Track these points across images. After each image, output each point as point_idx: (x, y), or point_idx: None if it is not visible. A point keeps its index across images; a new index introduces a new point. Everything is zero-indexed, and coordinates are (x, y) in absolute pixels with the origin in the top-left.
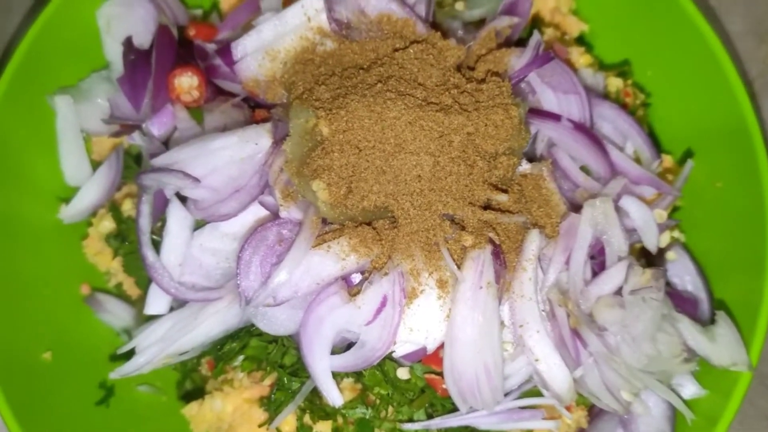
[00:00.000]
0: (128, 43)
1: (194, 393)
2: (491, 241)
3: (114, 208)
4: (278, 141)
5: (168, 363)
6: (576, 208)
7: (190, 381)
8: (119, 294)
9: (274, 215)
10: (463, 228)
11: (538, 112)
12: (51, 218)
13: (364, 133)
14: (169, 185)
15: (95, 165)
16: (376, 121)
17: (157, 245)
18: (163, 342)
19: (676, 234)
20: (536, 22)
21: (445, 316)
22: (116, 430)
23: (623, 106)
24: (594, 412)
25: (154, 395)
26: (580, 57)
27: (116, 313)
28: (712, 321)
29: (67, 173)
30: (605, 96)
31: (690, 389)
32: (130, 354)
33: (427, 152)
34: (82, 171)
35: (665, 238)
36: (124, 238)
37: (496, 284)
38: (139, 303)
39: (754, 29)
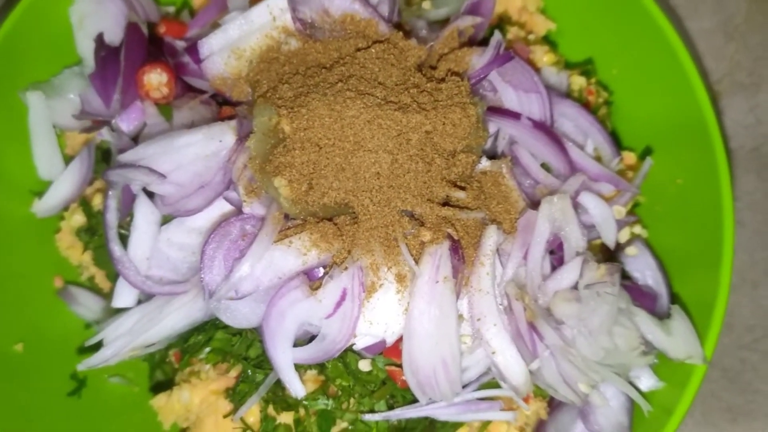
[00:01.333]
0: (99, 39)
1: (165, 384)
2: (450, 236)
3: (85, 203)
4: (242, 138)
5: (135, 355)
6: (537, 204)
7: (162, 372)
8: (91, 287)
9: (238, 211)
10: (422, 224)
11: (498, 111)
12: (24, 212)
13: (324, 131)
14: (136, 181)
15: (68, 159)
16: (336, 120)
17: (126, 240)
18: (130, 334)
19: (638, 230)
20: (502, 22)
21: (403, 310)
22: (88, 421)
23: (586, 104)
24: (554, 404)
25: (126, 387)
26: (544, 56)
27: (88, 306)
28: (669, 314)
29: (39, 168)
30: (568, 94)
31: (647, 381)
32: (98, 346)
33: (385, 150)
34: (55, 165)
35: (625, 234)
36: (94, 231)
37: (454, 279)
38: (110, 296)
39: (722, 27)
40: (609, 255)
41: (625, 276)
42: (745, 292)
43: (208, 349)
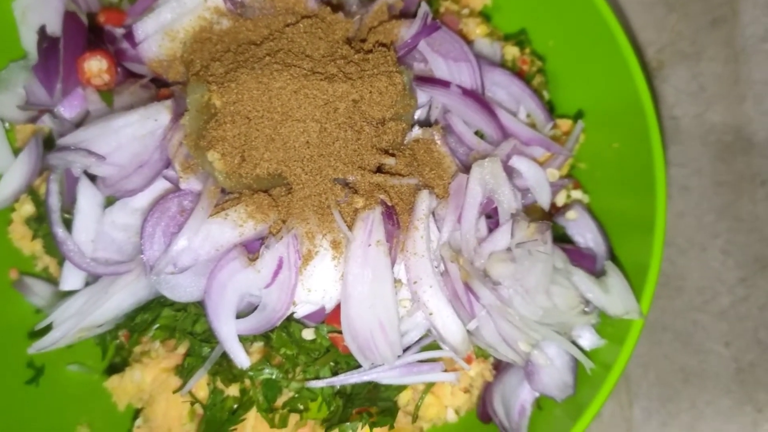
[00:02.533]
0: (42, 31)
1: (120, 367)
2: (383, 202)
3: (33, 192)
4: (177, 117)
5: (84, 336)
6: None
7: (120, 357)
8: (46, 277)
9: (177, 188)
10: (355, 191)
11: (428, 80)
12: None
13: (253, 104)
14: (75, 163)
15: (19, 152)
16: (264, 92)
17: (71, 224)
18: (78, 316)
19: (579, 194)
20: None
21: (340, 276)
22: (47, 408)
23: (519, 73)
24: (500, 367)
25: (85, 374)
26: (476, 27)
27: (43, 295)
28: (605, 273)
29: None
30: (502, 64)
31: (589, 339)
32: (48, 329)
33: (313, 119)
34: (4, 159)
35: (561, 197)
36: (42, 220)
37: (388, 243)
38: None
39: None
40: (547, 214)
41: (566, 240)
42: (693, 256)
43: (155, 327)
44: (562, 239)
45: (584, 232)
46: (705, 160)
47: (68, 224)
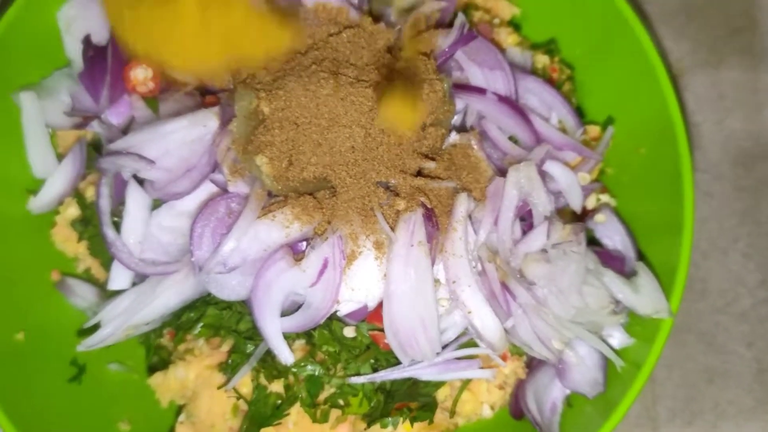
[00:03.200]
0: (87, 40)
1: (162, 365)
2: (423, 204)
3: (79, 196)
4: (225, 123)
5: (131, 334)
6: (506, 175)
7: (158, 356)
8: (88, 278)
9: (224, 191)
10: (396, 194)
11: (465, 87)
12: (21, 210)
13: (300, 110)
14: (126, 167)
15: (61, 158)
16: (311, 99)
17: (119, 226)
18: (126, 314)
19: (606, 198)
20: (468, 8)
21: (382, 275)
22: (88, 405)
23: (549, 81)
24: (532, 365)
25: (125, 373)
26: (508, 37)
27: (85, 296)
28: (635, 274)
29: (34, 167)
30: (532, 72)
31: (619, 338)
32: (96, 329)
33: (358, 125)
34: (49, 163)
35: (592, 201)
36: (88, 222)
37: (428, 243)
38: (105, 285)
39: (684, 8)
40: (577, 217)
41: (595, 242)
42: (716, 259)
43: (200, 325)
44: (590, 242)
45: (612, 235)
46: (725, 165)
47: (116, 227)
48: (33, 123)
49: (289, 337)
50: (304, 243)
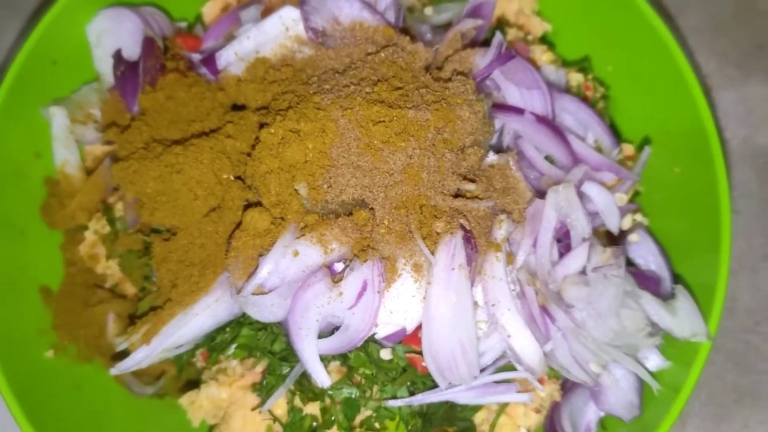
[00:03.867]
0: (118, 55)
1: (193, 384)
2: (462, 226)
3: (107, 211)
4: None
5: (164, 357)
6: (542, 194)
7: (186, 374)
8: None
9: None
10: (435, 216)
11: (502, 107)
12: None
13: (340, 132)
14: None
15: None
16: (350, 121)
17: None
18: (160, 337)
19: (639, 217)
20: (501, 24)
21: (421, 298)
22: (120, 424)
23: (584, 99)
24: (567, 387)
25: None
26: (542, 55)
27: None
28: (674, 295)
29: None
30: (567, 90)
31: (655, 361)
32: (129, 351)
33: (397, 147)
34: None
35: (627, 221)
36: (116, 237)
37: (468, 266)
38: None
39: (711, 24)
40: (613, 242)
41: (629, 263)
42: (744, 277)
43: (234, 346)
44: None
45: (646, 255)
46: (754, 183)
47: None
48: (62, 137)
49: (325, 359)
50: (341, 263)
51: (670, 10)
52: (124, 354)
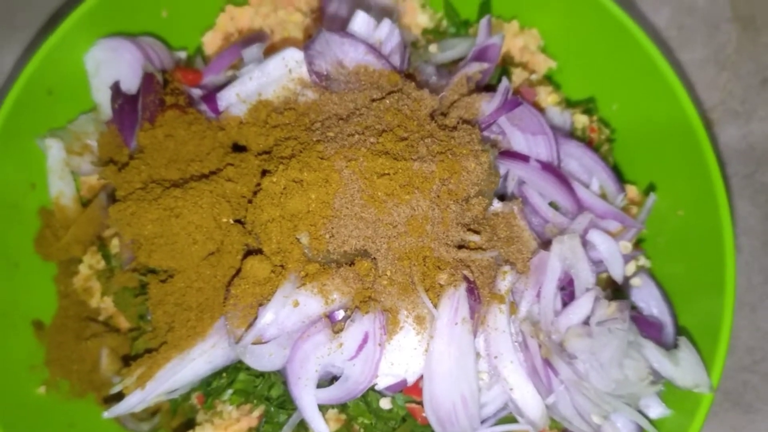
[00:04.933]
0: (116, 88)
1: (188, 424)
2: (466, 278)
3: (103, 246)
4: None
5: (159, 401)
6: (546, 242)
7: (182, 410)
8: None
9: None
10: (439, 267)
11: (508, 154)
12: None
13: (343, 183)
14: None
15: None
16: (354, 172)
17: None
18: (155, 382)
19: (642, 261)
20: (506, 63)
21: (423, 351)
22: None
23: (589, 142)
24: None
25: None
26: (548, 96)
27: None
28: (676, 344)
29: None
30: (572, 132)
31: (656, 410)
32: (123, 395)
33: (402, 199)
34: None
35: (631, 268)
36: (111, 274)
37: (471, 319)
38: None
39: (714, 57)
40: (616, 286)
41: (631, 307)
42: (744, 315)
43: (230, 391)
44: None
45: (648, 300)
46: (754, 220)
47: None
48: (57, 169)
49: (323, 408)
50: (341, 311)
51: (673, 43)
52: (117, 396)
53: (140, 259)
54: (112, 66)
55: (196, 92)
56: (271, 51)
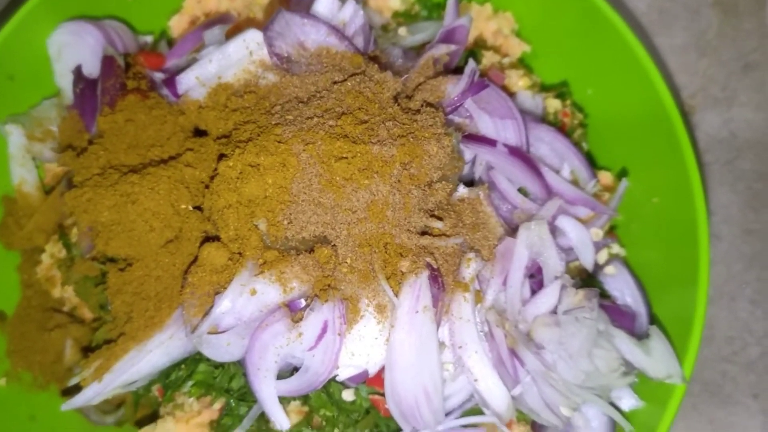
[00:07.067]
0: (78, 72)
1: (150, 417)
2: (429, 265)
3: (64, 236)
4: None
5: (117, 393)
6: (515, 229)
7: (146, 401)
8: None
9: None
10: (401, 254)
11: (474, 138)
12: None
13: (301, 167)
14: None
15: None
16: (312, 156)
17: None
18: (112, 374)
19: (617, 249)
20: (478, 45)
21: (384, 340)
22: None
23: (561, 127)
24: (536, 428)
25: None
26: (519, 80)
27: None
28: (648, 336)
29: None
30: (544, 117)
31: (628, 401)
32: (80, 387)
33: (361, 184)
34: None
35: (603, 255)
36: (72, 263)
37: (434, 308)
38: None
39: (695, 43)
40: (588, 274)
41: (604, 295)
42: (723, 305)
43: (190, 383)
44: (600, 295)
45: (622, 288)
46: (734, 207)
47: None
48: (18, 156)
49: (284, 399)
50: (302, 300)
51: (654, 27)
52: (76, 388)
53: (98, 247)
54: (75, 50)
55: (159, 76)
56: (234, 33)
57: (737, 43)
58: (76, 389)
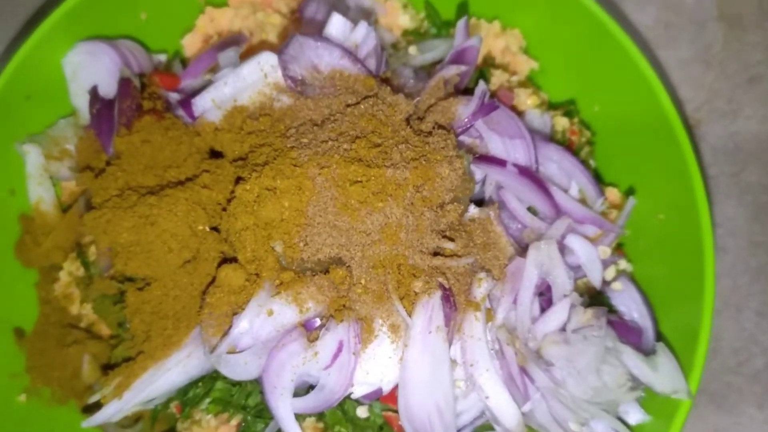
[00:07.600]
0: (94, 92)
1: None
2: (441, 285)
3: (81, 254)
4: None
5: (136, 410)
6: (524, 247)
7: (163, 416)
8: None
9: None
10: (414, 275)
11: (485, 158)
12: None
13: (316, 191)
14: None
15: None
16: (327, 180)
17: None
18: (131, 392)
19: (624, 264)
20: (487, 64)
21: (398, 359)
22: None
23: (569, 145)
24: None
25: None
26: (527, 99)
27: None
28: (654, 352)
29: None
30: (552, 135)
31: (635, 416)
32: (100, 405)
33: (375, 207)
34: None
35: (610, 272)
36: (91, 281)
37: (446, 327)
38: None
39: (700, 56)
40: (595, 290)
41: (611, 310)
42: (729, 316)
43: (208, 400)
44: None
45: (629, 304)
46: (741, 220)
47: None
48: (36, 175)
49: (300, 416)
50: (318, 320)
51: (659, 42)
52: (96, 404)
53: (117, 268)
54: (91, 70)
55: (174, 96)
56: (248, 54)
57: (743, 56)
58: (96, 406)
